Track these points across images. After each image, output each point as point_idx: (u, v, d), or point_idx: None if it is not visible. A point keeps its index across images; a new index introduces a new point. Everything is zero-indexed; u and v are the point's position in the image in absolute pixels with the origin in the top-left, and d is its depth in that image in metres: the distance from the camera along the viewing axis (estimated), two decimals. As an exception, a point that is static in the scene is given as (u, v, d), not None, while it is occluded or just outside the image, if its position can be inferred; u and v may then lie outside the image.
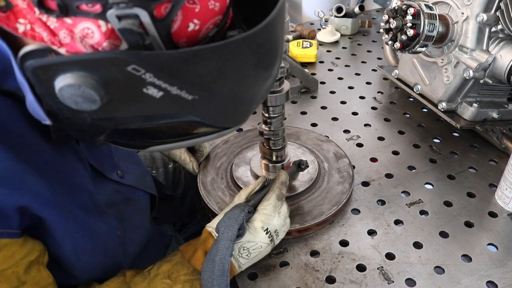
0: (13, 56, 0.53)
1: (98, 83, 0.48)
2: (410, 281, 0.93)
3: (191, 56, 0.50)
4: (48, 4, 0.49)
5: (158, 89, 0.51)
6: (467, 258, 0.98)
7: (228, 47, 0.52)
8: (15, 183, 0.66)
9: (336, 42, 1.89)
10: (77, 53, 0.52)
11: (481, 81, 1.18)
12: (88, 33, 0.50)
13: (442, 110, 1.26)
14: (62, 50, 0.52)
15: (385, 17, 1.21)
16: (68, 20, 0.50)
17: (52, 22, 0.50)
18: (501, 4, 1.11)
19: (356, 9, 1.89)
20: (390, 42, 1.21)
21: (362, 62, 1.76)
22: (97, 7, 0.48)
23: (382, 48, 1.72)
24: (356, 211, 1.10)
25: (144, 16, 0.48)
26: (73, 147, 0.82)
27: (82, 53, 0.52)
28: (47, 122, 0.59)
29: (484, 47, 1.17)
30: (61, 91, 0.49)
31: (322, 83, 1.61)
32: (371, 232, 1.04)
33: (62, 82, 0.48)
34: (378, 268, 0.95)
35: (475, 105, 1.23)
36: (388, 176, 1.20)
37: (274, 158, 1.08)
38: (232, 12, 0.61)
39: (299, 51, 1.69)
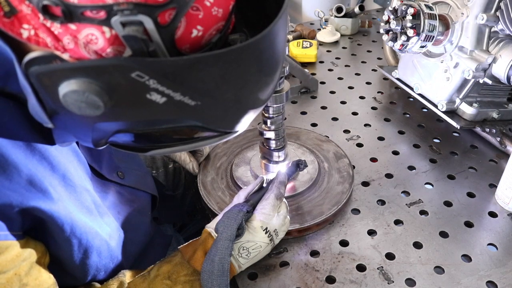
0: (16, 60, 0.53)
1: (102, 89, 0.49)
2: (410, 281, 0.93)
3: (194, 62, 0.50)
4: (53, 10, 0.49)
5: (161, 95, 0.51)
6: (467, 258, 0.98)
7: (232, 54, 0.52)
8: (18, 185, 0.66)
9: (336, 42, 1.89)
10: (80, 58, 0.53)
11: (481, 81, 1.19)
12: (92, 39, 0.50)
13: (442, 110, 1.26)
14: (65, 56, 0.52)
15: (385, 17, 1.21)
16: (72, 26, 0.50)
17: (56, 28, 0.50)
18: (501, 4, 1.11)
19: (356, 9, 1.89)
20: (390, 42, 1.21)
21: (362, 62, 1.76)
22: (102, 14, 0.48)
23: (382, 48, 1.73)
24: (356, 211, 1.10)
25: (148, 23, 0.49)
26: (73, 148, 0.82)
27: (86, 59, 0.52)
28: (49, 125, 0.60)
29: (484, 47, 1.17)
30: (65, 97, 0.49)
31: (322, 83, 1.62)
32: (371, 232, 1.05)
33: (66, 88, 0.48)
34: (378, 268, 0.96)
35: (475, 105, 1.24)
36: (388, 176, 1.20)
37: (274, 158, 1.09)
38: (234, 16, 0.61)
39: (299, 51, 1.69)
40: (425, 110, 1.45)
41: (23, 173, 0.67)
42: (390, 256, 0.99)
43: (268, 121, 1.01)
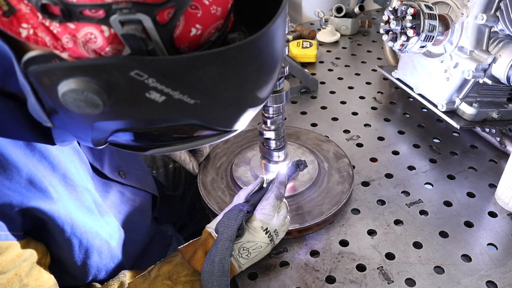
0: (15, 59, 0.53)
1: (101, 88, 0.48)
2: (410, 281, 0.93)
3: (194, 61, 0.50)
4: (51, 9, 0.49)
5: (160, 93, 0.51)
6: (467, 258, 0.98)
7: (231, 53, 0.52)
8: (18, 184, 0.66)
9: (336, 42, 1.89)
10: (79, 57, 0.53)
11: (481, 81, 1.19)
12: (91, 38, 0.50)
13: (442, 110, 1.26)
14: (64, 55, 0.52)
15: (385, 17, 1.21)
16: (71, 25, 0.50)
17: (55, 27, 0.50)
18: (501, 4, 1.11)
19: (356, 9, 1.89)
20: (390, 42, 1.21)
21: (362, 62, 1.76)
22: (100, 13, 0.48)
23: (382, 48, 1.73)
24: (356, 211, 1.10)
25: (147, 22, 0.49)
26: (74, 147, 0.82)
27: (85, 58, 0.52)
28: (49, 124, 0.60)
29: (484, 47, 1.17)
30: (64, 96, 0.49)
31: (322, 83, 1.62)
32: (371, 232, 1.04)
33: (65, 87, 0.48)
34: (378, 268, 0.96)
35: (475, 105, 1.24)
36: (388, 176, 1.20)
37: (274, 158, 1.09)
38: (232, 15, 0.61)
39: (299, 51, 1.69)
40: (425, 110, 1.45)
41: (23, 172, 0.67)
42: (390, 256, 0.99)
43: (268, 121, 1.01)
